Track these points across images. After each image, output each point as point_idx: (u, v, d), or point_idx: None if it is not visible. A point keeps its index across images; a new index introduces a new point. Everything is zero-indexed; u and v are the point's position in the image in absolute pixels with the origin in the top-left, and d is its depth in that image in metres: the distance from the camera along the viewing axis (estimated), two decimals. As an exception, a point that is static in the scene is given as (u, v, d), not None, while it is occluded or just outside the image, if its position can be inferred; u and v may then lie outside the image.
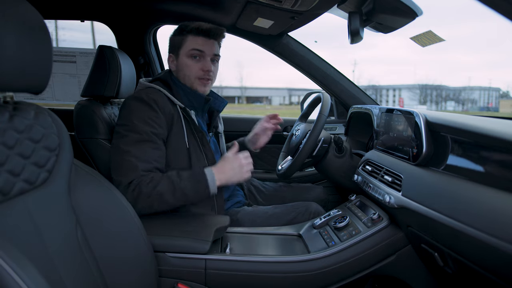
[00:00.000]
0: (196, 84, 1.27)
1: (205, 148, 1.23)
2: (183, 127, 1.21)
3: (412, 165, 0.98)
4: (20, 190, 0.66)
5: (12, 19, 0.61)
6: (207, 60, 1.26)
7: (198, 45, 1.24)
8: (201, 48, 1.24)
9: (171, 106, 1.21)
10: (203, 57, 1.25)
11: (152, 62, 2.03)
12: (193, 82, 1.27)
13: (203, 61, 1.26)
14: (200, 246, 0.97)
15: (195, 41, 1.24)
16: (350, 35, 1.28)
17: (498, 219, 0.63)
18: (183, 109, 1.22)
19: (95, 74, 1.42)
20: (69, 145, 0.78)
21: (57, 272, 0.67)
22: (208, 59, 1.26)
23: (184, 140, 1.20)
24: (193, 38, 1.24)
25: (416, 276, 1.08)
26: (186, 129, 1.21)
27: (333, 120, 2.07)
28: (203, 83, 1.27)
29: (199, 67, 1.25)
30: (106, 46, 1.42)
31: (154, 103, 1.16)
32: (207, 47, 1.25)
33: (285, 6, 1.34)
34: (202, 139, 1.23)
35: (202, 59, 1.26)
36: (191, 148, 1.21)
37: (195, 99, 1.29)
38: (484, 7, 0.52)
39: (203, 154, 1.23)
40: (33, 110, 0.72)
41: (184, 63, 1.26)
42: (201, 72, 1.25)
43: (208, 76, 1.27)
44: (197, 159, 1.21)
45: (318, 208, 1.34)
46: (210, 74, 1.27)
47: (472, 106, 51.90)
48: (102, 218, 0.82)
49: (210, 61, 1.26)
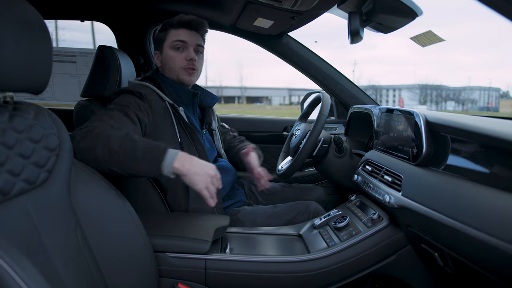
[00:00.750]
0: (182, 74, 1.29)
1: (196, 143, 1.24)
2: (173, 123, 1.21)
3: (412, 165, 0.98)
4: (20, 190, 0.66)
5: (12, 19, 0.61)
6: (190, 50, 1.28)
7: (180, 36, 1.27)
8: (183, 38, 1.27)
9: (160, 101, 1.21)
10: (186, 47, 1.28)
11: (152, 62, 2.03)
12: (178, 73, 1.29)
13: (186, 51, 1.28)
14: (200, 246, 0.97)
15: (177, 33, 1.27)
16: (350, 35, 1.28)
17: (498, 219, 0.63)
18: (171, 105, 1.23)
19: (95, 74, 1.42)
20: (69, 145, 0.78)
21: (57, 272, 0.67)
22: (191, 49, 1.28)
23: (176, 135, 1.21)
24: (175, 31, 1.28)
25: (416, 276, 1.08)
26: (177, 125, 1.22)
27: (333, 120, 2.07)
28: (188, 72, 1.29)
29: (183, 57, 1.27)
30: (106, 46, 1.42)
31: (141, 94, 1.16)
32: (189, 38, 1.28)
33: (285, 6, 1.34)
34: (192, 134, 1.24)
35: (186, 49, 1.28)
36: (183, 143, 1.21)
37: (183, 94, 1.30)
38: (484, 7, 0.52)
39: (194, 148, 1.23)
40: (33, 110, 0.72)
41: (168, 55, 1.28)
42: (185, 61, 1.27)
43: (193, 66, 1.28)
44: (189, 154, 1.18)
45: (318, 207, 1.34)
46: (194, 63, 1.28)
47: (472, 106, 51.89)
48: (102, 218, 0.82)
49: (193, 51, 1.28)
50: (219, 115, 1.84)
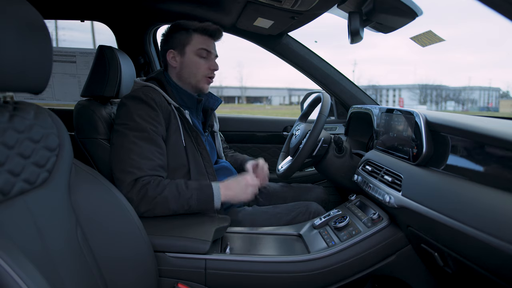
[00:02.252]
0: (202, 82, 1.30)
1: (200, 147, 1.25)
2: (179, 126, 1.22)
3: (412, 165, 0.98)
4: (20, 190, 0.66)
5: (12, 19, 0.61)
6: (213, 60, 1.30)
7: (206, 45, 1.28)
8: (209, 48, 1.28)
9: (167, 105, 1.22)
10: (210, 56, 1.29)
11: (152, 62, 2.03)
12: (199, 80, 1.29)
13: (211, 60, 1.29)
14: (200, 246, 0.97)
15: (203, 40, 1.27)
16: (350, 35, 1.28)
17: (498, 219, 0.63)
18: (177, 108, 1.23)
19: (95, 74, 1.42)
20: (69, 145, 0.78)
21: (57, 272, 0.67)
22: (214, 59, 1.31)
23: (181, 138, 1.21)
24: (200, 37, 1.27)
25: (416, 276, 1.08)
26: (182, 129, 1.22)
27: (333, 120, 2.07)
28: (209, 81, 1.32)
29: (207, 66, 1.28)
30: (106, 46, 1.42)
31: (153, 101, 1.17)
32: (212, 48, 1.30)
33: (285, 6, 1.34)
34: (196, 138, 1.24)
35: (209, 58, 1.29)
36: (188, 146, 1.22)
37: (188, 99, 1.31)
38: (484, 7, 0.52)
39: (198, 153, 1.24)
40: (33, 110, 0.72)
41: (192, 60, 1.28)
42: (208, 70, 1.29)
43: (213, 75, 1.32)
44: (194, 158, 1.22)
45: (318, 207, 1.34)
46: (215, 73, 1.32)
47: (472, 106, 51.90)
48: (102, 218, 0.82)
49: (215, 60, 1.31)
50: (219, 115, 1.84)
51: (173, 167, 1.20)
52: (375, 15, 1.22)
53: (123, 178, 1.08)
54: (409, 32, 1.16)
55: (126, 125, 1.15)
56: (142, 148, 1.11)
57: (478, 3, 0.52)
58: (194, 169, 1.22)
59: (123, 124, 1.15)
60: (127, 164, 1.09)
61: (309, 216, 1.30)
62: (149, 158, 1.11)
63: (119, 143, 1.13)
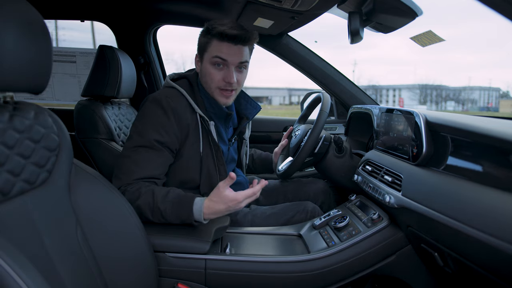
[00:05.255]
0: (217, 94, 1.18)
1: (219, 162, 1.19)
2: (199, 136, 1.15)
3: (412, 165, 0.98)
4: (20, 190, 0.66)
5: (12, 19, 0.61)
6: (230, 70, 1.14)
7: (222, 53, 1.12)
8: (225, 56, 1.13)
9: (190, 113, 1.14)
10: (226, 66, 1.14)
11: (152, 62, 2.03)
12: (213, 92, 1.18)
13: (226, 70, 1.15)
14: (200, 246, 0.97)
15: (219, 47, 1.13)
16: (350, 35, 1.28)
17: (498, 219, 0.63)
18: (202, 118, 1.15)
19: (96, 74, 1.42)
20: (69, 145, 0.78)
21: (57, 272, 0.67)
22: (232, 68, 1.14)
23: (199, 149, 1.16)
24: (217, 44, 1.13)
25: (416, 276, 1.08)
26: (203, 138, 1.16)
27: (333, 120, 2.07)
28: (224, 94, 1.17)
29: (221, 76, 1.15)
30: (107, 46, 1.43)
31: (171, 112, 1.10)
32: (231, 55, 1.13)
33: (285, 6, 1.34)
34: (217, 152, 1.18)
35: (225, 68, 1.15)
36: (204, 158, 1.17)
37: (217, 111, 1.22)
38: (484, 7, 0.52)
39: (216, 168, 1.19)
40: (33, 110, 0.72)
41: (207, 70, 1.16)
42: (222, 82, 1.15)
43: (230, 87, 1.17)
44: (208, 171, 1.18)
45: (314, 207, 1.34)
46: (233, 85, 1.16)
47: (472, 106, 51.90)
48: (102, 218, 0.82)
49: (233, 71, 1.15)
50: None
51: (183, 179, 1.17)
52: (375, 15, 1.22)
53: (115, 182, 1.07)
54: (409, 32, 1.16)
55: (135, 128, 1.13)
56: (140, 156, 1.08)
57: (478, 3, 0.52)
58: (204, 182, 1.18)
59: (134, 126, 1.14)
60: (121, 168, 1.08)
61: (307, 216, 1.30)
62: (143, 167, 1.07)
63: (125, 145, 1.13)
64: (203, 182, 1.18)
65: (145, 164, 1.08)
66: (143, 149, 1.09)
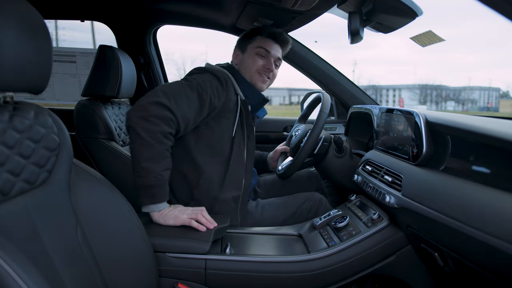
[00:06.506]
0: (256, 77, 1.33)
1: (249, 142, 1.29)
2: (236, 117, 1.24)
3: (412, 165, 0.98)
4: (20, 190, 0.66)
5: (12, 19, 0.61)
6: (271, 61, 1.34)
7: (267, 45, 1.34)
8: (269, 48, 1.34)
9: (234, 95, 1.25)
10: (267, 57, 1.34)
11: (152, 62, 2.03)
12: (252, 75, 1.33)
13: (267, 60, 1.34)
14: (200, 246, 0.97)
15: (264, 41, 1.34)
16: (350, 35, 1.28)
17: (498, 219, 0.63)
18: (243, 101, 1.26)
19: (96, 74, 1.42)
20: (69, 145, 0.78)
21: (57, 272, 0.67)
22: (272, 60, 1.34)
23: (233, 128, 1.24)
24: (262, 39, 1.35)
25: (416, 276, 1.08)
26: (238, 121, 1.25)
27: (333, 120, 2.07)
28: (262, 79, 1.34)
29: (263, 63, 1.33)
30: (107, 46, 1.43)
31: (224, 81, 1.20)
32: (273, 49, 1.35)
33: (285, 6, 1.34)
34: (249, 133, 1.28)
35: (267, 59, 1.34)
36: (236, 137, 1.24)
37: (253, 96, 1.33)
38: (484, 7, 0.52)
39: (245, 146, 1.27)
40: (33, 110, 0.72)
41: (250, 57, 1.34)
42: (263, 68, 1.33)
43: (268, 74, 1.35)
44: (239, 148, 1.25)
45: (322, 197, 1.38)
46: (270, 73, 1.35)
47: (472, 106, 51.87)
48: (102, 218, 0.82)
49: (273, 62, 1.35)
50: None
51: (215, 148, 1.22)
52: (375, 15, 1.22)
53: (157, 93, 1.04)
54: (409, 32, 1.16)
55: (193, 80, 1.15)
56: (192, 98, 1.10)
57: (478, 3, 0.52)
58: (235, 157, 1.24)
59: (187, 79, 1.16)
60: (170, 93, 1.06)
61: (315, 203, 1.34)
62: (189, 108, 1.08)
63: (174, 81, 1.16)
64: (233, 158, 1.23)
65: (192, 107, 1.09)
66: (197, 95, 1.11)
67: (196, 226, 1.02)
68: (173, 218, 1.03)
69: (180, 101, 1.07)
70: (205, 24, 1.89)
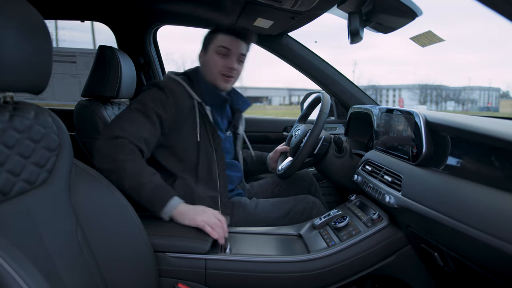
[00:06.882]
0: (218, 79, 1.31)
1: (215, 143, 1.27)
2: (196, 120, 1.24)
3: (412, 165, 0.98)
4: (20, 190, 0.66)
5: (12, 19, 0.61)
6: (232, 59, 1.31)
7: (226, 43, 1.30)
8: (229, 46, 1.30)
9: (188, 99, 1.25)
10: (229, 55, 1.30)
11: (152, 62, 2.03)
12: (215, 77, 1.31)
13: (229, 59, 1.31)
14: (200, 246, 0.97)
15: (224, 39, 1.30)
16: (350, 35, 1.28)
17: (498, 219, 0.63)
18: (199, 103, 1.26)
19: (96, 74, 1.42)
20: (69, 145, 0.78)
21: (57, 272, 0.67)
22: (234, 58, 1.31)
23: (196, 133, 1.23)
24: (222, 36, 1.31)
25: (416, 276, 1.08)
26: (200, 123, 1.24)
27: (333, 120, 2.07)
28: (225, 79, 1.32)
29: (224, 63, 1.30)
30: (107, 46, 1.43)
31: (169, 91, 1.20)
32: (234, 46, 1.30)
33: (285, 6, 1.34)
34: (213, 134, 1.26)
35: (228, 57, 1.30)
36: (202, 141, 1.24)
37: (214, 97, 1.33)
38: (484, 7, 0.52)
39: (213, 148, 1.26)
40: (33, 110, 0.72)
41: (211, 58, 1.31)
42: (225, 68, 1.30)
43: (231, 74, 1.32)
44: (206, 153, 1.25)
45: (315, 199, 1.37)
46: (233, 72, 1.32)
47: (472, 106, 51.87)
48: (102, 218, 0.82)
49: (235, 60, 1.31)
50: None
51: (181, 158, 1.24)
52: (375, 15, 1.22)
53: (104, 132, 1.10)
54: (409, 32, 1.16)
55: (135, 102, 1.19)
56: (136, 118, 1.13)
57: (478, 3, 0.52)
58: (203, 163, 1.24)
59: (134, 101, 1.20)
60: (114, 124, 1.12)
61: (308, 205, 1.33)
62: (137, 127, 1.12)
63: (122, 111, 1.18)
64: (201, 164, 1.24)
65: (140, 126, 1.13)
66: (140, 113, 1.14)
67: (209, 232, 1.00)
68: (189, 219, 1.03)
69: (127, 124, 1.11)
70: (205, 24, 1.89)
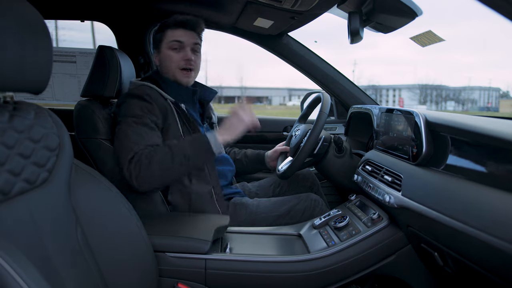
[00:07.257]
0: (178, 75, 1.32)
1: None
2: (176, 119, 1.26)
3: (412, 165, 0.98)
4: (20, 190, 0.66)
5: (12, 19, 0.61)
6: (187, 50, 1.31)
7: (177, 36, 1.30)
8: (180, 39, 1.30)
9: (163, 101, 1.26)
10: (183, 47, 1.30)
11: (152, 62, 2.02)
12: (175, 73, 1.31)
13: (183, 51, 1.30)
14: (200, 246, 0.97)
15: (174, 33, 1.31)
16: (350, 35, 1.28)
17: (498, 219, 0.63)
18: (173, 102, 1.27)
19: (95, 74, 1.42)
20: (69, 145, 0.78)
21: (57, 272, 0.67)
22: (188, 49, 1.31)
23: (179, 131, 1.25)
24: (172, 31, 1.31)
25: (416, 276, 1.08)
26: (179, 121, 1.26)
27: (333, 120, 2.07)
28: (185, 74, 1.32)
29: (180, 57, 1.30)
30: (106, 46, 1.42)
31: (148, 96, 1.22)
32: (186, 38, 1.30)
33: (285, 6, 1.34)
34: (194, 128, 1.28)
35: (182, 49, 1.30)
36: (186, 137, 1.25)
37: (183, 92, 1.33)
38: (484, 7, 0.52)
39: None
40: (33, 110, 0.72)
41: (166, 55, 1.31)
42: (182, 62, 1.30)
43: (190, 66, 1.31)
44: None
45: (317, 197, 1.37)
46: (192, 63, 1.31)
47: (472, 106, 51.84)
48: (102, 218, 0.82)
49: (190, 51, 1.31)
50: (219, 115, 1.84)
51: None
52: (375, 15, 1.22)
53: (121, 162, 1.12)
54: (409, 32, 1.16)
55: (126, 116, 1.20)
56: (137, 133, 1.16)
57: (478, 3, 0.52)
58: None
59: (124, 116, 1.20)
60: (123, 148, 1.14)
61: (311, 203, 1.33)
62: (145, 138, 1.15)
63: (120, 130, 1.18)
64: None
65: (146, 137, 1.16)
66: (140, 125, 1.17)
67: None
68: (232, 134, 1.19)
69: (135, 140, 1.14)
70: (205, 24, 1.89)
